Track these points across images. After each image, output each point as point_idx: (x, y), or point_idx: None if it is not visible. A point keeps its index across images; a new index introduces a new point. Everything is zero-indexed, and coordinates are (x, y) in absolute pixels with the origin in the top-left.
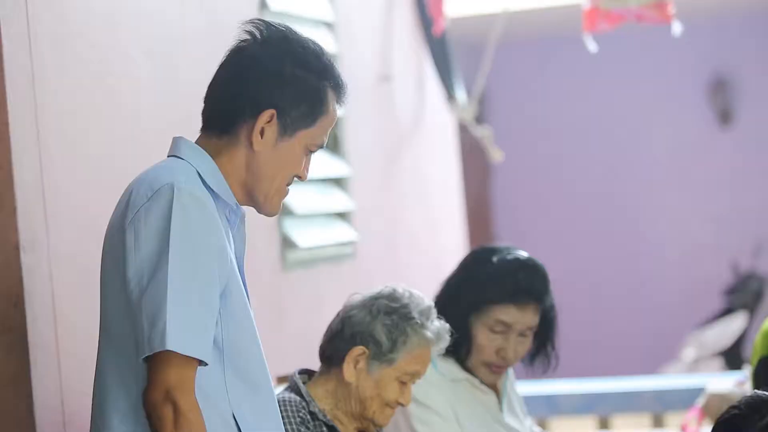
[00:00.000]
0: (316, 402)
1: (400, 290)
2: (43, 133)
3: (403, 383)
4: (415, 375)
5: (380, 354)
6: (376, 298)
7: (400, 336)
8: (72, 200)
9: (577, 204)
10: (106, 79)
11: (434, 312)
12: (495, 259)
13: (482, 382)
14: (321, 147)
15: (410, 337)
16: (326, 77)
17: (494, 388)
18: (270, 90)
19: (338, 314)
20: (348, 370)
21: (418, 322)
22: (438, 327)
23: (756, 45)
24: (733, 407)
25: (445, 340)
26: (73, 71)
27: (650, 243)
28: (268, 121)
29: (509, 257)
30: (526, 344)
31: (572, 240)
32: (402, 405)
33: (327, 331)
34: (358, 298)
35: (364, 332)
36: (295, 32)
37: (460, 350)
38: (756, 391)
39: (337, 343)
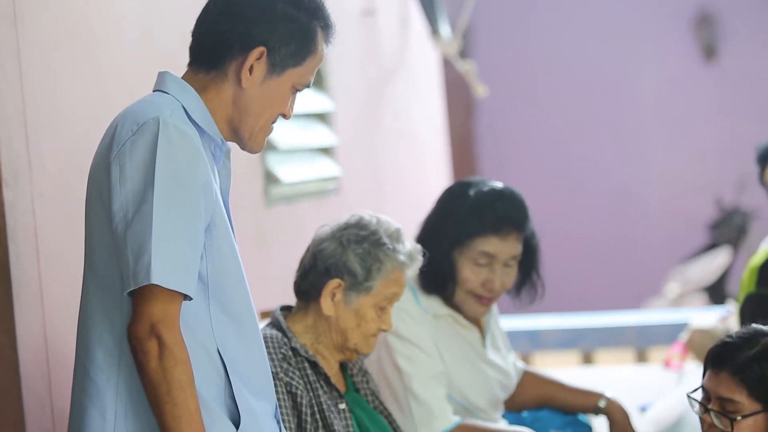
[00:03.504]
0: (297, 338)
1: (367, 217)
2: (26, 68)
3: (381, 309)
4: (393, 297)
5: (356, 284)
6: (344, 228)
7: (374, 263)
8: (55, 135)
9: (561, 139)
10: (90, 13)
11: (403, 234)
12: (472, 192)
13: (465, 318)
14: (307, 86)
15: (384, 263)
16: (317, 17)
17: (477, 324)
18: (261, 27)
19: (308, 248)
20: (326, 303)
21: (390, 246)
22: (410, 248)
23: None
24: (728, 336)
25: (419, 261)
26: (56, 6)
27: (634, 178)
28: (258, 59)
29: (486, 189)
30: (512, 274)
31: (556, 175)
32: (384, 331)
33: (299, 267)
34: (326, 230)
35: (338, 264)
36: None
37: (445, 287)
38: (754, 324)
39: (311, 278)
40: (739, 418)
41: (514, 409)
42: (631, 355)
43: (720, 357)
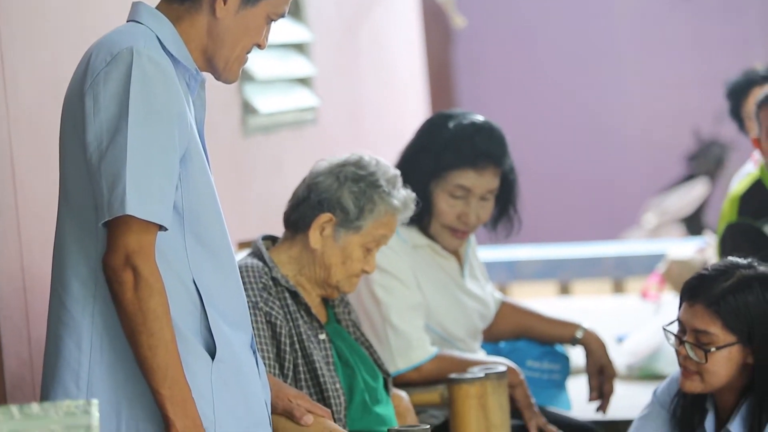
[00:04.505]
0: (279, 268)
1: (366, 158)
2: None
3: (368, 250)
4: (382, 240)
5: (347, 221)
6: (343, 165)
7: (368, 204)
8: (31, 65)
9: (539, 69)
10: None
11: (400, 180)
12: (451, 124)
13: (444, 248)
14: (282, 16)
15: (377, 205)
16: None
17: (456, 254)
18: None
19: (304, 180)
20: (314, 236)
21: (386, 190)
22: (404, 195)
23: None
24: (704, 269)
25: (411, 209)
26: None
27: (612, 109)
28: None
29: (465, 122)
30: (488, 208)
31: (533, 106)
32: (367, 272)
33: (292, 197)
34: (324, 164)
35: (332, 199)
36: None
37: (422, 217)
38: (730, 258)
39: (303, 210)
40: (713, 349)
41: (491, 339)
42: (609, 285)
43: (695, 289)
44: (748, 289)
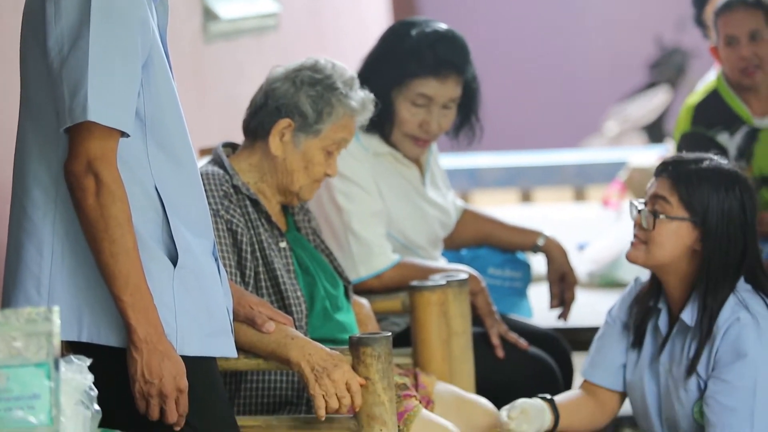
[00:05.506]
0: (239, 175)
1: (322, 61)
2: None
3: (329, 154)
4: (342, 143)
5: (306, 126)
6: (299, 70)
7: (326, 107)
8: None
9: None
10: None
11: (357, 82)
12: (413, 32)
13: (405, 156)
14: None
15: (335, 108)
16: None
17: (417, 162)
18: None
19: (261, 87)
20: (274, 143)
21: (343, 92)
22: (362, 96)
23: None
24: (686, 152)
25: (369, 110)
26: None
27: (574, 16)
28: None
29: (428, 30)
30: (450, 116)
31: (496, 13)
32: (329, 176)
33: (250, 105)
34: (280, 70)
35: (289, 104)
36: None
37: (383, 125)
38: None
39: (261, 117)
40: (663, 216)
41: (453, 247)
42: (570, 193)
43: (668, 164)
44: (715, 179)
